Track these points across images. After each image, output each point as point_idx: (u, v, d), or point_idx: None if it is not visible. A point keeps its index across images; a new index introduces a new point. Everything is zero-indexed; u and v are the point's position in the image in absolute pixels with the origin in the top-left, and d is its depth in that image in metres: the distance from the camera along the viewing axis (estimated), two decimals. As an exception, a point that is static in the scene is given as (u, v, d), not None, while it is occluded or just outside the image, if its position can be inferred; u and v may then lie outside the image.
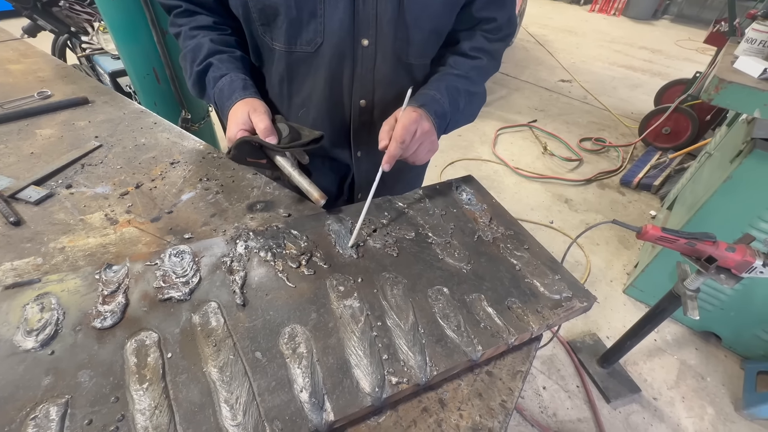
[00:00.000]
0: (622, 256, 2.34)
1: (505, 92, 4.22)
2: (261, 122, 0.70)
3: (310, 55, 0.76)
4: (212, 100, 0.78)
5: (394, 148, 0.69)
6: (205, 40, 0.78)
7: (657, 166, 2.97)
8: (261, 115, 0.71)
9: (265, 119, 0.70)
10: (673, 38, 6.53)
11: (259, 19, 0.74)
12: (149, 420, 0.44)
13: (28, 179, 0.81)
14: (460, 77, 0.81)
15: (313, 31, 0.72)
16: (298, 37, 0.73)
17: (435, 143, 0.77)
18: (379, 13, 0.71)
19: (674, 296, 1.31)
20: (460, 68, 0.82)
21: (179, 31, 0.81)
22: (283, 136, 0.71)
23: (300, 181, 0.71)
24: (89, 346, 0.51)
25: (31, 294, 0.56)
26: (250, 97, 0.75)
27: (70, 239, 0.70)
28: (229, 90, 0.75)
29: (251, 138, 0.69)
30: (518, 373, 0.57)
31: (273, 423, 0.45)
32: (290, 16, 0.70)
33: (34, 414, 0.44)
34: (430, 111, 0.75)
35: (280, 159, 0.73)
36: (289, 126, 0.72)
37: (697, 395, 1.69)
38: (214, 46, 0.78)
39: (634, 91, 4.48)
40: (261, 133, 0.69)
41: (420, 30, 0.76)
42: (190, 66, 0.79)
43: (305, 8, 0.69)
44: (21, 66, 1.29)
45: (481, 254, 0.70)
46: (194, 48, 0.78)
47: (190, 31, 0.79)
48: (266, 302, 0.58)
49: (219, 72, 0.76)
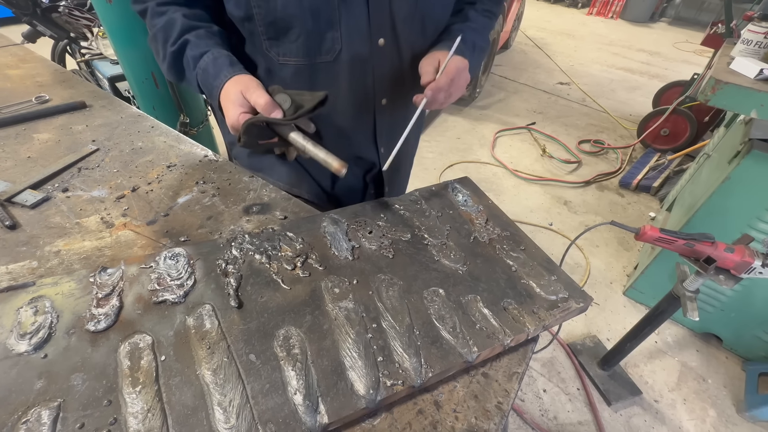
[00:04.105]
0: (622, 258, 2.33)
1: (504, 95, 4.23)
2: (260, 98, 0.63)
3: (329, 65, 0.73)
4: (194, 82, 0.71)
5: (443, 81, 0.70)
6: (176, 15, 0.69)
7: (656, 167, 2.97)
8: (257, 90, 0.64)
9: (263, 94, 0.64)
10: (670, 40, 6.56)
11: (266, 33, 0.70)
12: (141, 423, 0.44)
13: (24, 183, 0.81)
14: (475, 31, 0.82)
15: (331, 39, 0.70)
16: (317, 49, 0.71)
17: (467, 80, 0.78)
18: (395, 11, 0.70)
19: (674, 297, 1.30)
20: (475, 22, 0.83)
21: (144, 8, 0.72)
22: (286, 108, 0.66)
23: (316, 153, 0.66)
24: (83, 349, 0.50)
25: (25, 297, 0.56)
26: (238, 73, 0.67)
27: (66, 242, 0.70)
28: (214, 69, 0.67)
29: (256, 118, 0.64)
30: (514, 374, 0.56)
31: (266, 426, 0.45)
32: (307, 28, 0.67)
33: (26, 418, 0.43)
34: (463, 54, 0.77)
35: (293, 135, 0.67)
36: (289, 95, 0.67)
37: (698, 397, 1.68)
38: (187, 22, 0.69)
39: (632, 93, 4.49)
40: (262, 109, 0.63)
41: (434, 22, 0.77)
42: (162, 47, 0.71)
43: (322, 17, 0.67)
44: (19, 71, 1.30)
45: (477, 255, 0.69)
46: (165, 26, 0.69)
47: (158, 7, 0.71)
48: (261, 304, 0.58)
49: (198, 50, 0.68)
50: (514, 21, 4.95)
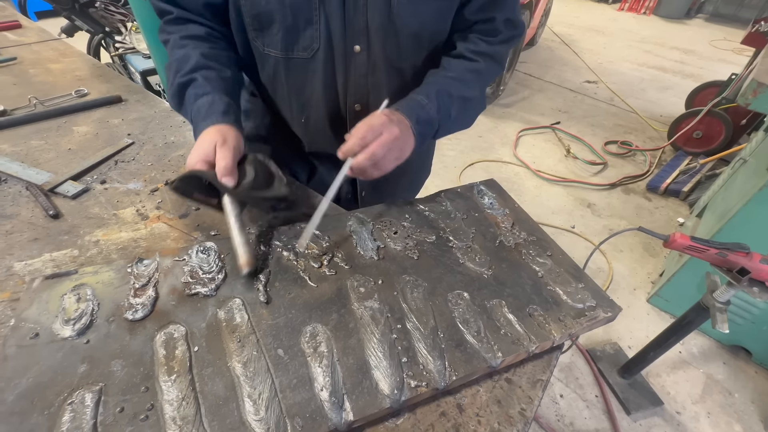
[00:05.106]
0: (647, 264, 2.27)
1: (528, 93, 4.14)
2: (223, 159, 0.63)
3: (307, 61, 0.75)
4: (189, 116, 0.73)
5: (352, 142, 0.67)
6: (194, 52, 0.73)
7: (686, 171, 2.86)
8: (226, 150, 0.64)
9: (227, 156, 0.63)
10: (707, 38, 6.27)
11: (252, 24, 0.73)
12: (177, 410, 0.46)
13: (66, 174, 0.85)
14: (454, 81, 0.77)
15: (309, 37, 0.72)
16: (294, 44, 0.73)
17: (405, 151, 0.72)
18: (369, 20, 0.71)
19: (702, 308, 1.26)
20: (454, 71, 0.78)
21: (168, 39, 0.77)
22: (245, 181, 0.64)
23: (234, 237, 0.63)
24: (121, 336, 0.53)
25: (68, 285, 0.59)
26: (227, 123, 0.69)
27: (104, 233, 0.73)
28: (207, 111, 0.69)
29: (203, 173, 0.63)
30: (538, 381, 0.56)
31: (294, 420, 0.46)
32: (286, 23, 0.70)
33: (71, 399, 0.46)
34: (410, 117, 0.72)
35: (229, 205, 0.65)
36: (264, 173, 0.65)
37: (723, 411, 1.63)
38: (203, 60, 0.73)
39: (663, 93, 4.33)
40: (219, 171, 0.63)
41: (411, 37, 0.75)
42: (173, 76, 0.74)
43: (301, 15, 0.69)
44: (60, 65, 1.36)
45: (503, 260, 0.69)
46: (181, 59, 0.73)
47: (180, 41, 0.75)
48: (288, 301, 0.59)
49: (202, 89, 0.71)
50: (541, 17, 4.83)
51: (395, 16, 0.70)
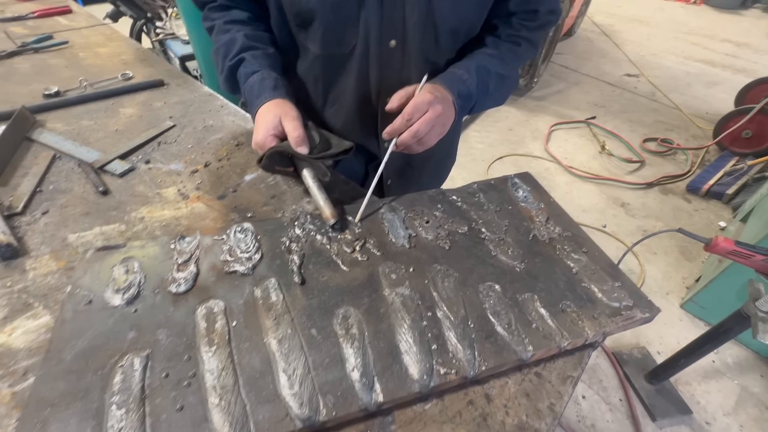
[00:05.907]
0: (682, 269, 2.17)
1: (563, 86, 4.00)
2: (294, 130, 0.68)
3: (343, 57, 0.77)
4: (244, 96, 0.78)
5: (398, 123, 0.69)
6: (239, 35, 0.77)
7: (732, 173, 2.70)
8: (294, 121, 0.69)
9: (298, 127, 0.69)
10: (763, 30, 5.83)
11: (295, 21, 0.74)
12: (217, 380, 0.48)
13: (113, 153, 0.89)
14: (493, 58, 0.79)
15: (348, 34, 0.73)
16: (333, 40, 0.74)
17: (446, 126, 0.74)
18: (407, 15, 0.70)
19: (743, 316, 1.20)
20: (495, 49, 0.80)
21: (212, 25, 0.81)
22: (314, 146, 0.70)
23: (317, 197, 0.70)
24: (166, 308, 0.56)
25: (117, 257, 0.62)
26: (280, 97, 0.73)
27: (149, 210, 0.77)
28: (259, 88, 0.73)
29: (284, 148, 0.68)
30: (569, 377, 0.55)
31: (326, 397, 0.48)
32: (326, 21, 0.71)
33: (122, 363, 0.49)
34: (453, 91, 0.73)
35: (306, 172, 0.72)
36: (320, 134, 0.70)
37: (758, 425, 1.55)
38: (247, 42, 0.76)
39: (711, 89, 4.08)
40: (293, 141, 0.68)
41: (448, 32, 0.74)
42: (222, 61, 0.78)
43: (342, 13, 0.70)
44: (107, 49, 1.42)
45: (536, 254, 0.68)
46: (227, 42, 0.77)
47: (224, 25, 0.79)
48: (321, 283, 0.61)
49: (251, 68, 0.75)
50: (581, 6, 4.62)
51: (435, 12, 0.70)
